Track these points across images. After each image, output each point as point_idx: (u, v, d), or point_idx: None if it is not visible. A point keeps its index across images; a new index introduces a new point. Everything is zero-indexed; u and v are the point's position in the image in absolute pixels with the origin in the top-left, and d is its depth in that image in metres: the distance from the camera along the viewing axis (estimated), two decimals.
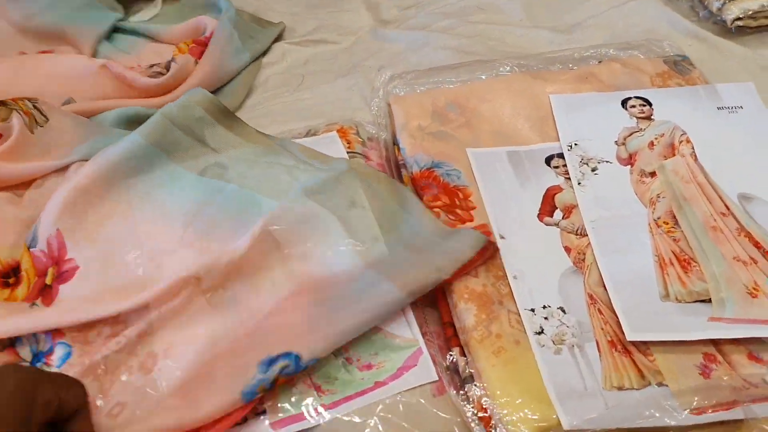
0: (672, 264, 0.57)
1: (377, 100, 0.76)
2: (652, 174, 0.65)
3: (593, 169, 0.66)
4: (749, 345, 0.53)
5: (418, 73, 0.77)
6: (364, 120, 0.76)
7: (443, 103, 0.73)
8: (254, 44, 0.90)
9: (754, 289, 0.55)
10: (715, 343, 0.53)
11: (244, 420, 0.51)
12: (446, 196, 0.64)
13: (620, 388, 0.51)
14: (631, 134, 0.68)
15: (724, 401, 0.49)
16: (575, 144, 0.68)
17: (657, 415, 0.48)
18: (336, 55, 0.91)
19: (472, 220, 0.62)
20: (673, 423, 0.48)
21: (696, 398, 0.49)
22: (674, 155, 0.66)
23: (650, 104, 0.71)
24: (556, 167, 0.67)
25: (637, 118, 0.70)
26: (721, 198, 0.62)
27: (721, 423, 0.48)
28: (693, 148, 0.66)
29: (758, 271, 0.56)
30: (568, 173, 0.65)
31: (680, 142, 0.67)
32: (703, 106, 0.70)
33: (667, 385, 0.50)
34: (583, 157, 0.67)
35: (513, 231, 0.61)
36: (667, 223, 0.60)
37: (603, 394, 0.50)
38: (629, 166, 0.66)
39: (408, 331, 0.57)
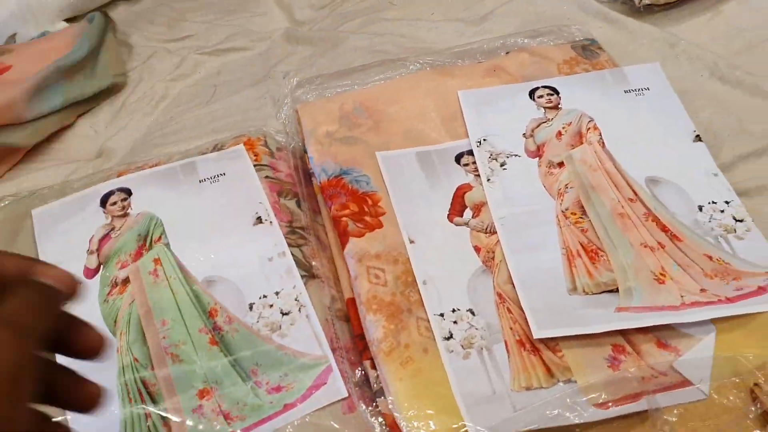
0: (579, 255, 0.57)
1: (285, 107, 0.74)
2: (560, 164, 0.64)
3: (502, 164, 0.65)
4: (657, 332, 0.52)
5: (326, 77, 0.76)
6: (274, 129, 0.74)
7: (351, 107, 0.71)
8: (74, 89, 0.81)
9: (661, 275, 0.55)
10: (624, 333, 0.52)
11: None
12: (355, 203, 0.63)
13: (528, 388, 0.50)
14: (539, 125, 0.67)
15: (630, 393, 0.48)
16: (484, 140, 0.67)
17: (563, 413, 0.47)
18: (248, 63, 0.89)
19: (381, 227, 0.61)
20: (578, 420, 0.47)
21: (603, 392, 0.48)
22: (582, 143, 0.65)
23: (557, 93, 0.70)
24: (466, 165, 0.66)
25: (545, 108, 0.69)
26: (628, 184, 0.61)
27: (626, 416, 0.48)
28: (600, 134, 0.66)
29: (665, 256, 0.56)
30: (478, 170, 0.64)
31: (588, 129, 0.66)
32: (610, 90, 0.69)
33: (575, 381, 0.50)
34: (492, 152, 0.66)
35: (423, 234, 0.60)
36: (575, 214, 0.60)
37: (511, 396, 0.50)
38: (537, 159, 0.65)
39: (317, 348, 0.55)
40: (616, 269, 0.55)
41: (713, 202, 0.60)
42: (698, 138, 0.65)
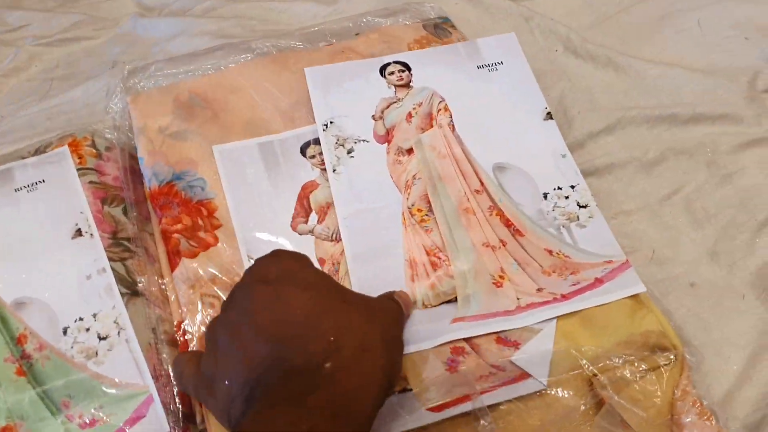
0: (423, 264, 0.53)
1: (116, 99, 0.67)
2: (409, 151, 0.59)
3: (349, 152, 0.60)
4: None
5: (162, 64, 0.68)
6: (108, 125, 0.67)
7: (186, 97, 0.65)
8: None
9: (500, 277, 0.52)
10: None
11: None
12: (188, 215, 0.57)
13: None
14: (388, 106, 0.62)
15: (463, 394, 0.46)
16: (331, 122, 0.61)
17: (395, 421, 0.45)
18: (90, 53, 0.81)
19: (216, 244, 0.55)
20: (409, 426, 0.45)
21: (436, 395, 0.46)
22: (432, 127, 0.61)
23: (409, 69, 0.65)
24: (312, 157, 0.60)
25: (396, 86, 0.64)
26: (476, 172, 0.57)
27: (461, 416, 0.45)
28: (451, 117, 0.61)
29: (505, 254, 0.53)
30: (324, 163, 0.59)
31: (438, 111, 0.62)
32: (463, 66, 0.65)
33: (410, 389, 0.46)
34: (339, 137, 0.60)
35: (264, 249, 0.47)
36: (421, 211, 0.56)
37: None
38: (387, 144, 0.60)
39: (137, 377, 0.49)
40: (457, 276, 0.52)
41: (558, 188, 0.57)
42: (549, 116, 0.61)
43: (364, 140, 0.60)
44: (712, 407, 0.46)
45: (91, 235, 0.56)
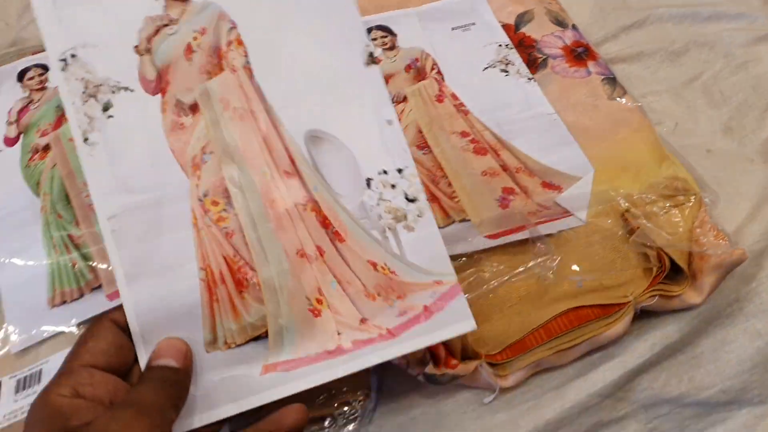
0: (224, 281, 0.42)
1: None
2: (193, 108, 0.44)
3: (105, 107, 0.43)
4: (543, 177, 0.59)
5: None
6: None
7: None
8: None
9: (317, 301, 0.43)
10: (512, 176, 0.59)
11: None
12: None
13: None
14: (157, 31, 0.45)
15: (516, 226, 0.55)
16: (72, 56, 0.43)
17: (458, 244, 0.54)
18: None
19: None
20: (470, 249, 0.54)
21: (493, 226, 0.55)
22: (222, 70, 0.45)
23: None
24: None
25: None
26: (285, 146, 0.45)
27: (513, 244, 0.55)
28: (247, 54, 0.46)
29: (324, 268, 0.44)
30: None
31: (229, 44, 0.46)
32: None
33: (469, 220, 0.56)
34: (89, 82, 0.43)
35: None
36: (217, 204, 0.43)
37: None
38: (160, 96, 0.44)
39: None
40: (267, 299, 0.43)
41: (384, 172, 0.46)
42: (372, 59, 0.47)
43: (126, 88, 0.43)
44: (725, 231, 0.56)
45: None
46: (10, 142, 0.61)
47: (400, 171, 0.46)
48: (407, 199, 0.46)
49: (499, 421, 0.52)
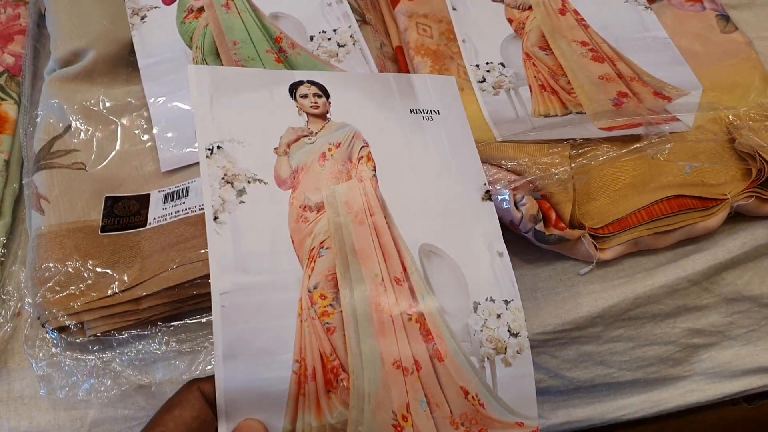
0: (315, 378, 0.42)
1: None
2: (319, 207, 0.47)
3: (239, 193, 0.46)
4: (654, 87, 0.62)
5: None
6: None
7: None
8: None
9: (403, 418, 0.42)
10: (626, 83, 0.62)
11: None
12: None
13: (546, 116, 0.59)
14: (297, 139, 0.49)
15: (629, 122, 0.57)
16: (218, 147, 0.47)
17: (573, 131, 0.56)
18: None
19: None
20: (585, 136, 0.56)
21: (608, 119, 0.57)
22: (350, 178, 0.48)
23: (327, 95, 0.51)
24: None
25: (309, 114, 0.50)
26: (399, 252, 0.46)
27: (624, 140, 0.56)
28: (375, 169, 0.49)
29: (417, 384, 0.43)
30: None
31: (360, 158, 0.49)
32: (392, 104, 0.53)
33: (585, 113, 0.59)
34: (228, 170, 0.46)
35: (464, 4, 0.68)
36: (325, 298, 0.44)
37: (531, 120, 0.59)
38: (290, 192, 0.47)
39: None
40: (354, 402, 0.41)
41: (491, 299, 0.46)
42: (488, 196, 0.51)
43: (261, 180, 0.47)
44: None
45: None
46: (168, 1, 0.66)
47: (506, 303, 0.46)
48: (510, 332, 0.46)
49: (591, 290, 0.55)
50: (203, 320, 0.51)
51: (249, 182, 0.46)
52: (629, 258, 0.56)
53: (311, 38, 0.63)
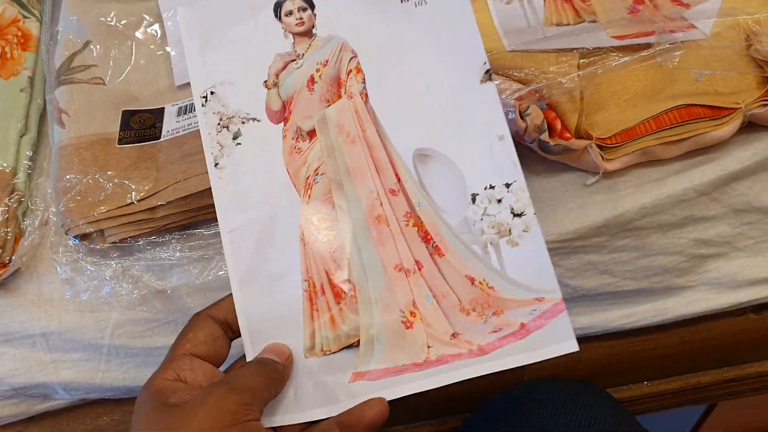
0: (324, 293, 0.44)
1: None
2: (311, 134, 0.47)
3: (235, 136, 0.47)
4: None
5: None
6: None
7: None
8: None
9: (411, 314, 0.44)
10: None
11: None
12: None
13: (558, 24, 0.57)
14: (285, 66, 0.49)
15: (643, 31, 0.54)
16: (211, 93, 0.49)
17: (586, 39, 0.54)
18: None
19: None
20: (596, 45, 0.54)
21: (621, 28, 0.55)
22: (340, 96, 0.48)
23: (312, 6, 0.50)
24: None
25: (294, 34, 0.49)
26: (393, 165, 0.47)
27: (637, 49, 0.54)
28: (365, 81, 0.48)
29: (420, 281, 0.45)
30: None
31: (349, 72, 0.49)
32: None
33: (598, 22, 0.56)
34: (223, 115, 0.48)
35: None
36: (325, 220, 0.45)
37: (543, 29, 0.57)
38: (282, 124, 0.48)
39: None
40: (362, 311, 0.44)
41: (491, 187, 0.46)
42: (489, 76, 0.47)
43: (254, 119, 0.48)
44: None
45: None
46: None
47: (507, 185, 0.46)
48: (513, 213, 0.45)
49: (597, 200, 0.54)
50: (215, 230, 0.54)
51: (243, 123, 0.47)
52: (636, 168, 0.55)
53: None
